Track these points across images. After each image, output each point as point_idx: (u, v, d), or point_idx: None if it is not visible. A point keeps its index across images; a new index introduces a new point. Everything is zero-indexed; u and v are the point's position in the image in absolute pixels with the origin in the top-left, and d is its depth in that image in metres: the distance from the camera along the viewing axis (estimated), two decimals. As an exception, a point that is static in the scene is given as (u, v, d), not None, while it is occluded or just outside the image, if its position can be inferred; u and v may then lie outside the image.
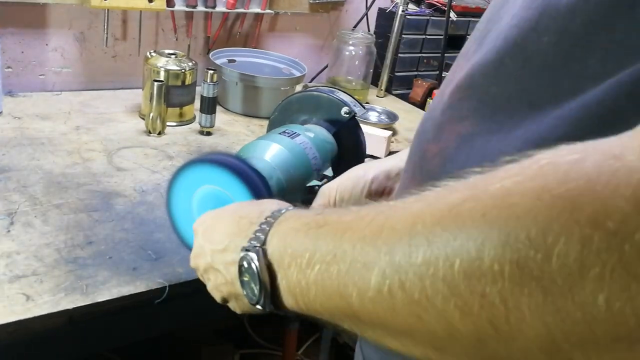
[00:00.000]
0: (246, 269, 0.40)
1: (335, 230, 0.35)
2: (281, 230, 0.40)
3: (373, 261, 0.31)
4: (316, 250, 0.35)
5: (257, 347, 1.61)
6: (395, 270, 0.29)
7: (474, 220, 0.27)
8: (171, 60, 1.18)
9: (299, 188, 0.74)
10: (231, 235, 0.45)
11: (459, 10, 1.71)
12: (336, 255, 0.33)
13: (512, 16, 0.39)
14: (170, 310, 0.77)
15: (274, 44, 1.60)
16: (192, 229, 0.59)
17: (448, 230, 0.28)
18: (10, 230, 0.77)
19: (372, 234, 0.32)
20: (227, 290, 0.46)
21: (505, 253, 0.25)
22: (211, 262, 0.47)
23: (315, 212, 0.39)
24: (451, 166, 0.42)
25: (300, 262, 0.36)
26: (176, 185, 0.59)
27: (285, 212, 0.42)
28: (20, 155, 0.98)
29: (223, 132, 1.24)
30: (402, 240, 0.30)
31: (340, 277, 0.33)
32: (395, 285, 0.29)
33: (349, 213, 0.36)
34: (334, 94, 0.89)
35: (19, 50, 1.25)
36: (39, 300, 0.65)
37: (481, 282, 0.26)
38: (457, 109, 0.43)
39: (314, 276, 0.35)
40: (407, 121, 1.49)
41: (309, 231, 0.37)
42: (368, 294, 0.31)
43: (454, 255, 0.27)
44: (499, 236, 0.25)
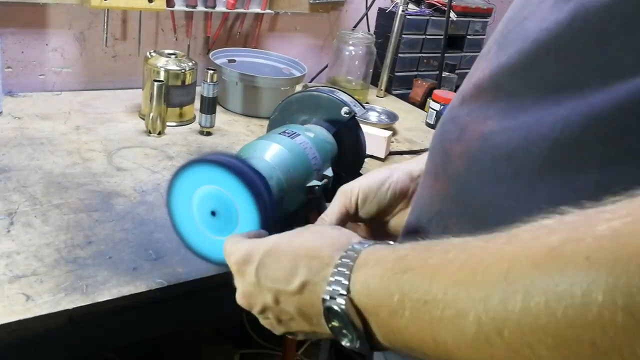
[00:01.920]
0: (334, 317, 0.39)
1: (422, 276, 0.33)
2: (362, 276, 0.38)
3: (467, 308, 0.30)
4: (404, 297, 0.34)
5: (257, 347, 1.61)
6: (492, 318, 0.28)
7: (578, 264, 0.25)
8: (171, 60, 1.18)
9: (299, 188, 0.74)
10: (302, 276, 0.42)
11: (459, 10, 1.71)
12: (427, 302, 0.32)
13: (541, 19, 0.39)
14: (170, 310, 0.77)
15: (274, 44, 1.60)
16: (193, 230, 0.60)
17: (548, 275, 0.26)
18: (10, 230, 0.77)
19: (464, 279, 0.30)
20: (300, 328, 0.45)
21: (616, 298, 0.23)
22: (273, 304, 0.45)
23: (395, 256, 0.37)
24: (476, 165, 0.42)
25: (389, 308, 0.35)
26: (176, 185, 0.59)
27: (361, 253, 0.40)
28: (20, 155, 0.98)
29: (223, 132, 1.24)
30: (498, 286, 0.28)
31: (433, 325, 0.32)
32: (492, 333, 0.28)
33: (432, 255, 0.34)
34: (334, 94, 0.89)
35: (19, 50, 1.26)
36: (39, 300, 0.65)
37: (589, 331, 0.24)
38: (483, 109, 0.43)
39: (405, 322, 0.34)
40: (407, 121, 1.49)
41: (393, 277, 0.36)
42: (464, 340, 0.30)
43: (557, 301, 0.25)
44: (608, 280, 0.24)
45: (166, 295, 0.73)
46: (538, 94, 0.38)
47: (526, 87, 0.39)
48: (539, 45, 0.38)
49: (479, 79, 0.44)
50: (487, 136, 0.41)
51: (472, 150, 0.43)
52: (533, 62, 0.39)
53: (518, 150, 0.38)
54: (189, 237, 0.61)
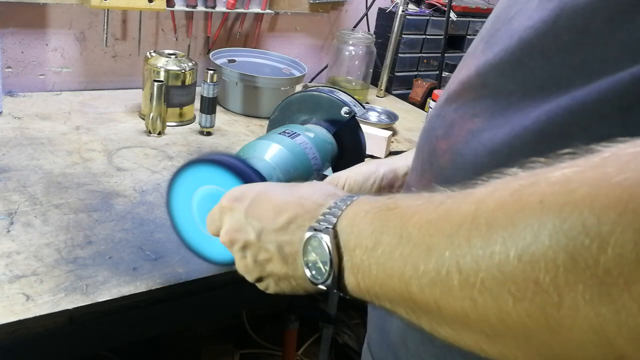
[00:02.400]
0: (314, 249, 0.40)
1: (404, 213, 0.35)
2: (351, 212, 0.40)
3: (435, 244, 0.31)
4: (383, 232, 0.35)
5: (257, 347, 1.61)
6: (454, 253, 0.30)
7: (532, 207, 0.27)
8: (171, 60, 1.18)
9: (299, 188, 0.74)
10: (290, 213, 0.44)
11: (459, 10, 1.71)
12: (402, 237, 0.34)
13: (527, 17, 0.39)
14: (170, 310, 0.77)
15: (274, 44, 1.60)
16: (192, 230, 0.60)
17: (507, 216, 0.28)
18: (10, 230, 0.77)
19: (437, 218, 0.32)
20: (273, 270, 0.45)
21: (560, 241, 0.25)
22: (256, 239, 0.46)
23: (387, 196, 0.39)
24: (461, 161, 0.43)
25: (366, 243, 0.36)
26: (176, 185, 0.59)
27: (357, 198, 0.41)
28: (20, 155, 0.98)
29: (223, 132, 1.24)
30: (464, 224, 0.30)
31: (402, 259, 0.33)
32: (453, 267, 0.29)
33: (420, 197, 0.36)
34: (334, 94, 0.89)
35: (19, 50, 1.26)
36: (39, 300, 0.65)
37: (535, 269, 0.25)
38: (470, 106, 0.43)
39: (377, 257, 0.35)
40: (407, 121, 1.49)
41: (378, 213, 0.37)
42: (426, 275, 0.31)
43: (511, 241, 0.27)
44: (554, 223, 0.25)
45: (166, 295, 0.73)
46: (524, 91, 0.39)
47: (513, 84, 0.40)
48: (525, 43, 0.39)
49: (466, 77, 0.45)
50: (475, 133, 0.42)
51: (458, 147, 0.43)
52: (519, 59, 0.39)
53: (502, 144, 0.39)
54: (189, 237, 0.61)
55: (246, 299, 0.85)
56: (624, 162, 0.25)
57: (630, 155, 0.25)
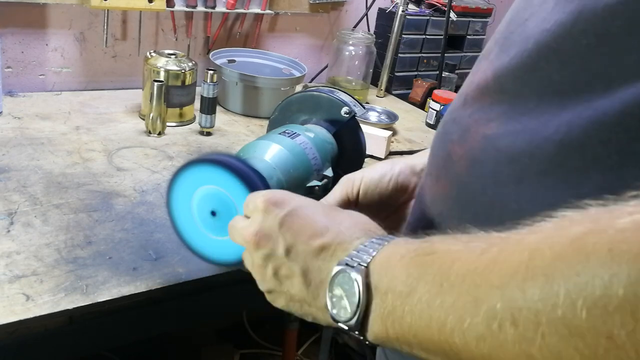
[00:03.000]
0: (341, 284, 0.38)
1: (443, 261, 0.33)
2: (385, 254, 0.38)
3: (483, 295, 0.29)
4: (420, 279, 0.34)
5: (257, 347, 1.61)
6: (509, 306, 0.28)
7: (599, 256, 0.25)
8: (171, 60, 1.18)
9: (299, 188, 0.74)
10: (327, 240, 0.42)
11: (459, 10, 1.71)
12: (442, 286, 0.32)
13: (543, 20, 0.38)
14: (170, 310, 0.77)
15: (274, 44, 1.60)
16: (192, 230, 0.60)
17: (570, 266, 0.26)
18: (10, 230, 0.77)
19: (483, 267, 0.30)
20: (290, 289, 0.43)
21: (638, 292, 0.23)
22: (284, 254, 0.43)
23: (422, 240, 0.37)
24: (479, 168, 0.42)
25: (401, 289, 0.35)
26: (176, 185, 0.59)
27: (394, 239, 0.40)
28: (20, 155, 0.98)
29: (223, 133, 1.24)
30: (518, 275, 0.28)
31: (443, 310, 0.31)
32: (507, 321, 0.28)
33: (457, 242, 0.34)
34: (334, 94, 0.89)
35: (19, 50, 1.26)
36: (39, 300, 0.65)
37: (608, 323, 0.24)
38: (486, 111, 0.42)
39: (412, 305, 0.33)
40: (407, 121, 1.49)
41: (415, 258, 0.35)
42: (474, 329, 0.29)
43: (577, 292, 0.25)
44: (630, 273, 0.24)
45: (166, 295, 0.73)
46: (541, 96, 0.38)
47: (529, 89, 0.39)
48: (541, 46, 0.38)
49: (481, 81, 0.44)
50: (490, 139, 0.41)
51: (474, 153, 0.42)
52: (535, 63, 0.38)
53: (522, 153, 0.38)
54: (189, 238, 0.61)
55: (246, 299, 0.85)
56: None
57: None
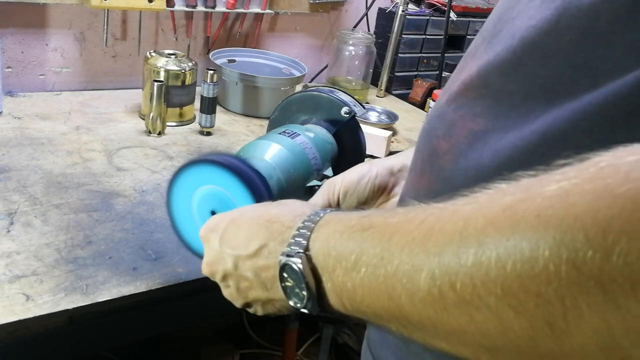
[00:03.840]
0: (289, 275, 0.40)
1: (382, 233, 0.34)
2: (323, 234, 0.39)
3: (422, 263, 0.30)
4: (362, 253, 0.35)
5: (257, 347, 1.61)
6: (445, 272, 0.29)
7: (528, 221, 0.26)
8: (171, 60, 1.18)
9: (299, 188, 0.74)
10: (261, 239, 0.43)
11: (459, 10, 1.71)
12: (383, 257, 0.33)
13: (529, 17, 0.39)
14: (170, 310, 0.77)
15: (274, 44, 1.60)
16: (192, 230, 0.60)
17: (500, 232, 0.27)
18: (10, 230, 0.77)
19: (421, 236, 0.32)
20: (256, 296, 0.45)
21: (561, 253, 0.25)
22: (233, 269, 0.46)
23: (359, 215, 0.38)
24: (464, 162, 0.42)
25: (346, 265, 0.36)
26: (176, 185, 0.59)
27: (324, 215, 0.41)
28: (20, 155, 0.98)
29: (223, 132, 1.24)
30: (453, 242, 0.29)
31: (388, 280, 0.32)
32: (445, 286, 0.29)
33: (395, 215, 0.35)
34: (334, 94, 0.89)
35: (19, 50, 1.26)
36: (39, 300, 0.65)
37: (535, 282, 0.25)
38: (471, 106, 0.43)
39: (360, 279, 0.35)
40: (407, 121, 1.49)
41: (353, 234, 0.36)
42: (418, 295, 0.31)
43: (507, 255, 0.27)
44: (555, 236, 0.25)
45: (166, 295, 0.73)
46: (526, 92, 0.38)
47: (514, 84, 0.39)
48: (526, 42, 0.38)
49: (467, 77, 0.44)
50: (477, 134, 0.42)
51: (460, 147, 0.43)
52: (520, 59, 0.39)
53: (505, 145, 0.39)
54: (189, 238, 0.61)
55: (246, 299, 0.85)
56: (624, 172, 0.25)
57: (629, 164, 0.25)
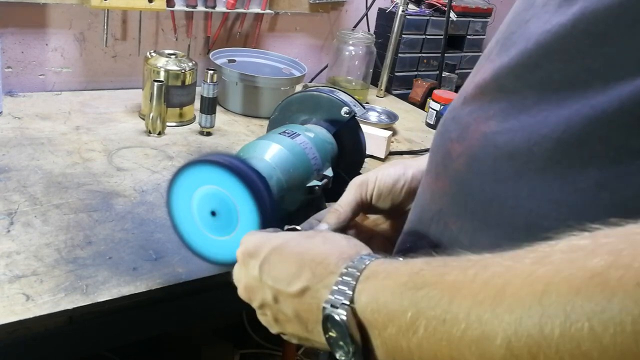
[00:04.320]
0: (333, 326, 0.38)
1: (440, 293, 0.32)
2: (371, 287, 0.37)
3: (495, 330, 0.28)
4: (419, 314, 0.33)
5: (257, 347, 1.61)
6: (525, 343, 0.27)
7: (627, 291, 0.24)
8: (171, 60, 1.18)
9: (299, 188, 0.74)
10: (304, 281, 0.42)
11: (459, 10, 1.71)
12: (445, 321, 0.31)
13: (544, 21, 0.39)
14: (170, 310, 0.77)
15: (274, 44, 1.60)
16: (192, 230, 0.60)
17: (593, 301, 0.25)
18: (10, 230, 0.77)
19: (490, 300, 0.29)
20: (294, 332, 0.44)
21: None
22: (272, 302, 0.45)
23: (409, 269, 0.36)
24: (477, 165, 0.42)
25: (400, 324, 0.34)
26: (176, 185, 0.59)
27: (369, 264, 0.39)
28: (20, 155, 0.98)
29: (223, 132, 1.24)
30: (532, 309, 0.27)
31: (452, 344, 0.31)
32: (524, 357, 0.27)
33: (450, 271, 0.33)
34: (334, 94, 0.89)
35: (19, 50, 1.26)
36: (39, 300, 0.65)
37: None
38: (485, 109, 0.43)
39: (417, 340, 0.33)
40: (407, 121, 1.49)
41: (406, 292, 0.34)
42: None
43: (603, 328, 0.24)
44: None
45: (166, 295, 0.73)
46: (540, 94, 0.38)
47: (528, 87, 0.39)
48: (542, 46, 0.38)
49: (481, 80, 0.44)
50: (489, 136, 0.41)
51: (473, 150, 0.43)
52: (535, 62, 0.39)
53: (520, 150, 0.38)
54: (189, 237, 0.61)
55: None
56: None
57: None
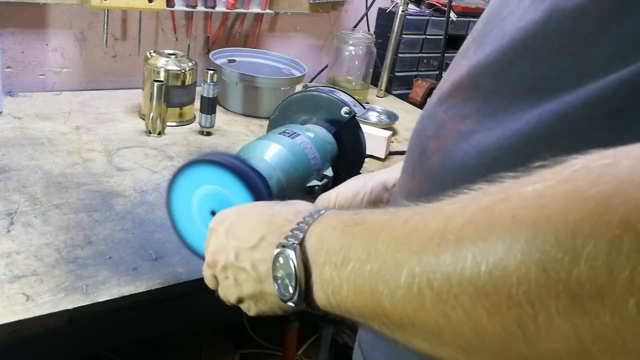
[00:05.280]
0: (281, 265, 0.40)
1: (371, 230, 0.35)
2: (319, 228, 0.40)
3: (404, 260, 0.31)
4: (351, 248, 0.35)
5: (257, 347, 1.61)
6: (424, 270, 0.30)
7: (504, 222, 0.27)
8: (171, 60, 1.18)
9: (299, 188, 0.74)
10: (263, 232, 0.44)
11: (459, 10, 1.71)
12: (370, 254, 0.34)
13: (519, 18, 0.39)
14: (170, 310, 0.77)
15: (274, 44, 1.60)
16: (192, 230, 0.60)
17: (477, 231, 0.28)
18: (10, 230, 0.77)
19: (405, 234, 0.32)
20: (250, 289, 0.46)
21: (532, 255, 0.25)
22: (234, 260, 0.46)
23: (353, 212, 0.39)
24: (450, 163, 0.43)
25: (336, 259, 0.36)
26: (176, 185, 0.59)
27: (324, 213, 0.42)
28: (20, 155, 0.98)
29: (223, 132, 1.24)
30: (433, 240, 0.30)
31: (372, 276, 0.33)
32: (423, 284, 0.30)
33: (386, 213, 0.36)
34: (334, 94, 0.89)
35: (19, 50, 1.26)
36: (39, 300, 0.65)
37: (507, 283, 0.26)
38: (460, 107, 0.43)
39: (347, 274, 0.35)
40: (407, 121, 1.49)
41: (345, 229, 0.37)
42: (398, 292, 0.31)
43: (482, 255, 0.27)
44: (527, 237, 0.25)
45: (166, 295, 0.73)
46: (515, 93, 0.39)
47: (503, 86, 0.40)
48: (516, 43, 0.39)
49: (457, 77, 0.45)
50: (465, 134, 0.42)
51: (448, 148, 0.43)
52: (509, 60, 0.39)
53: (491, 146, 0.39)
54: (189, 237, 0.61)
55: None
56: (595, 175, 0.25)
57: (600, 167, 0.25)
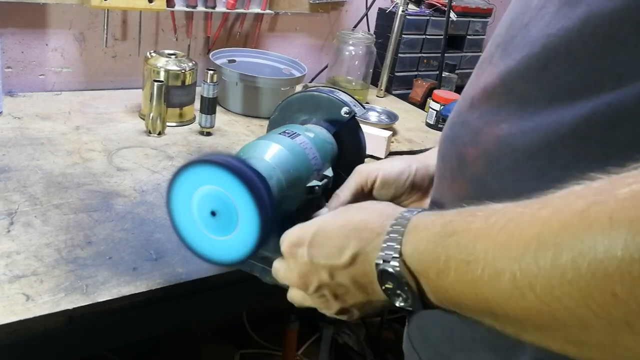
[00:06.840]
0: (388, 278, 0.42)
1: (466, 239, 0.37)
2: (413, 238, 0.42)
3: (504, 267, 0.33)
4: (449, 259, 0.38)
5: (257, 347, 1.61)
6: (525, 275, 0.31)
7: (601, 224, 0.28)
8: (171, 60, 1.18)
9: (299, 188, 0.74)
10: (353, 248, 0.46)
11: (459, 10, 1.71)
12: (469, 262, 0.36)
13: (547, 25, 0.41)
14: (171, 310, 0.77)
15: (274, 44, 1.60)
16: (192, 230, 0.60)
17: (575, 235, 0.29)
18: (10, 230, 0.77)
19: (502, 241, 0.34)
20: (354, 299, 0.48)
21: (633, 253, 0.26)
22: (328, 279, 0.48)
23: (442, 220, 0.40)
24: (496, 167, 0.44)
25: (437, 269, 0.39)
26: (176, 186, 0.59)
27: (411, 219, 0.43)
28: (20, 155, 0.98)
29: (223, 133, 1.24)
30: (531, 246, 0.31)
31: (475, 283, 0.35)
32: (526, 289, 0.31)
33: (475, 219, 0.37)
34: (334, 94, 0.89)
35: (19, 50, 1.26)
36: (39, 300, 0.65)
37: (610, 282, 0.27)
38: (495, 113, 0.45)
39: (450, 281, 0.38)
40: (407, 121, 1.49)
41: (439, 240, 0.39)
42: (502, 296, 0.33)
43: (582, 258, 0.28)
44: (627, 237, 0.26)
45: (166, 295, 0.73)
46: (552, 96, 0.40)
47: (539, 90, 0.41)
48: (549, 49, 0.40)
49: (488, 84, 0.46)
50: (504, 139, 0.43)
51: (490, 153, 0.45)
52: (544, 65, 0.41)
53: (541, 150, 0.41)
54: (189, 238, 0.61)
55: (246, 299, 0.85)
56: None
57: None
